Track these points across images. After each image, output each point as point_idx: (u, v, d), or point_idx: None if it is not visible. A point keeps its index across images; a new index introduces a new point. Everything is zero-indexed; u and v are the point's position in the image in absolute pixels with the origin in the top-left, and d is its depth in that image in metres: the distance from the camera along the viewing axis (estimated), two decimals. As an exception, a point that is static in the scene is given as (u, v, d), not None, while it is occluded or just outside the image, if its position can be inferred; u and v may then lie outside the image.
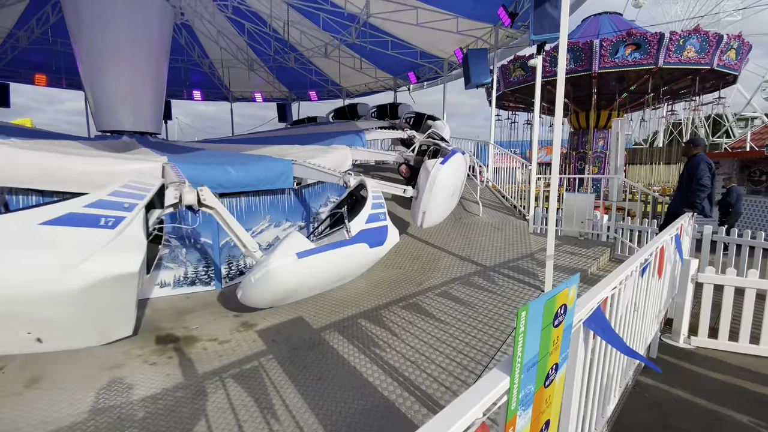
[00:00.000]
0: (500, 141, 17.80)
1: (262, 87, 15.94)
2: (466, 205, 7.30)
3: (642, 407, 2.80)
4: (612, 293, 1.76)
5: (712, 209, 4.96)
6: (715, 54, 12.20)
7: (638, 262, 2.18)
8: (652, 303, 2.97)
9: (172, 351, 3.26)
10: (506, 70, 14.89)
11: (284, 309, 4.02)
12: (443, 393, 2.50)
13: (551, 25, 5.80)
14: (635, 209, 9.84)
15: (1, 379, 2.80)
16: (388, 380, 2.66)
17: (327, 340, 3.32)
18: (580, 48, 12.57)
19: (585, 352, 1.54)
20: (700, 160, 4.79)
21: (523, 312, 0.96)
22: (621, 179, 6.72)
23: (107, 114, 6.87)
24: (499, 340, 3.11)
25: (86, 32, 6.58)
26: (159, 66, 7.35)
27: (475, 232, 6.09)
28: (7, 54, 11.69)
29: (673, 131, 32.96)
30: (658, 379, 3.16)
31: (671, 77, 13.50)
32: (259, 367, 2.95)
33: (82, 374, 2.89)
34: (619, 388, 2.34)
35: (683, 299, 3.72)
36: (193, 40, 12.96)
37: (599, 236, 6.46)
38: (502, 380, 0.96)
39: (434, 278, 4.64)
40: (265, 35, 11.93)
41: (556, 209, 4.49)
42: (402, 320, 3.60)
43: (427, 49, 11.37)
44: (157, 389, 2.71)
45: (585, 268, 4.74)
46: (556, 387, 1.30)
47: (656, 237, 2.96)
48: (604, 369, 1.92)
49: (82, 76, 6.97)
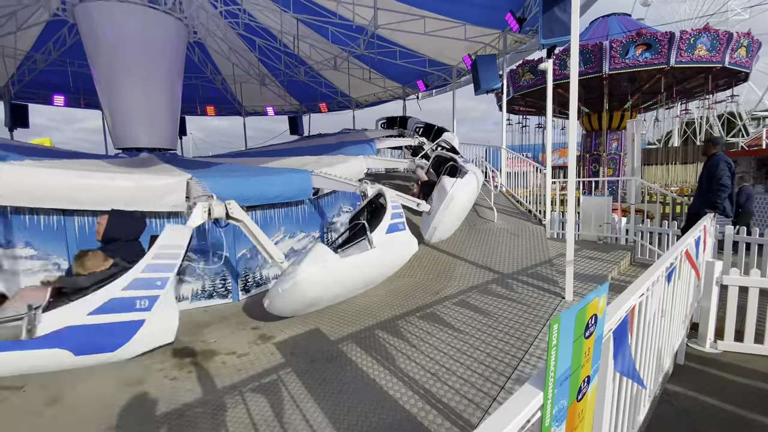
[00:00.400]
0: (512, 145, 17.70)
1: (273, 101, 16.20)
2: (480, 211, 7.24)
3: (671, 416, 2.70)
4: (640, 300, 1.71)
5: (733, 209, 4.83)
6: (726, 52, 12.02)
7: (664, 267, 2.12)
8: (679, 308, 2.88)
9: (192, 365, 3.28)
10: (515, 75, 14.86)
11: (301, 320, 4.02)
12: (466, 406, 2.45)
13: (560, 29, 5.78)
14: (653, 211, 9.63)
15: (22, 398, 2.85)
16: (409, 393, 2.62)
17: (345, 352, 3.30)
18: (589, 50, 12.49)
19: (615, 362, 1.49)
20: (720, 159, 4.68)
21: (555, 324, 0.93)
22: (639, 181, 6.59)
23: (124, 132, 7.06)
24: (521, 350, 3.05)
25: (103, 53, 6.79)
26: (174, 84, 7.54)
27: (490, 239, 6.03)
28: (26, 76, 12.13)
29: (686, 130, 32.36)
30: (687, 386, 3.05)
31: (683, 76, 13.30)
32: (278, 380, 2.94)
33: (102, 391, 2.92)
34: (648, 397, 2.26)
35: (708, 303, 3.60)
36: (205, 57, 13.28)
37: (618, 240, 6.32)
38: (535, 396, 0.93)
39: (451, 287, 4.59)
40: (276, 50, 12.15)
41: (574, 213, 4.42)
42: (420, 331, 3.56)
43: (435, 57, 11.43)
44: (177, 405, 2.72)
45: (605, 273, 4.63)
46: (588, 400, 1.26)
47: (681, 239, 2.87)
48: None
49: (100, 96, 7.19)
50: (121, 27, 6.65)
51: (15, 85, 12.42)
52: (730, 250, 5.04)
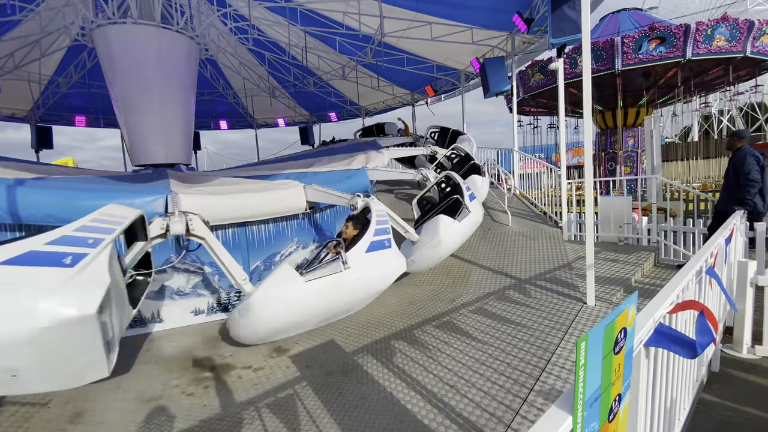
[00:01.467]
0: (523, 147, 17.47)
1: (284, 112, 16.42)
2: (494, 215, 7.12)
3: (709, 429, 2.54)
4: (671, 308, 1.60)
5: (765, 205, 4.60)
6: (747, 41, 11.63)
7: (695, 269, 2.01)
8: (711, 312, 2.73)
9: (208, 380, 3.27)
10: (525, 76, 14.71)
11: (316, 332, 3.98)
12: (487, 420, 2.35)
13: (570, 27, 5.68)
14: (676, 209, 9.30)
15: (47, 413, 2.87)
16: (428, 407, 2.54)
17: (361, 365, 3.23)
18: (600, 47, 12.28)
19: (648, 376, 1.40)
20: (747, 153, 4.48)
21: (582, 342, 0.86)
22: (659, 179, 6.37)
23: (141, 149, 7.21)
24: (543, 359, 2.93)
25: (120, 74, 6.98)
26: (187, 101, 7.69)
27: (506, 243, 5.90)
28: (49, 99, 12.61)
29: (704, 124, 31.43)
30: (724, 396, 2.88)
31: (701, 68, 12.93)
32: (294, 395, 2.89)
33: (122, 408, 2.93)
34: (684, 410, 2.13)
35: (743, 305, 3.41)
36: (217, 73, 13.56)
37: (640, 240, 6.10)
38: (564, 420, 0.86)
39: (467, 294, 4.49)
40: (285, 63, 12.32)
41: (593, 214, 4.28)
42: (437, 341, 3.47)
43: (442, 62, 11.40)
44: (194, 421, 2.70)
45: (628, 276, 4.46)
46: (620, 420, 1.17)
47: (711, 239, 2.73)
48: (667, 391, 1.75)
49: (118, 115, 7.38)
50: (136, 48, 6.83)
51: (40, 109, 12.92)
52: (763, 249, 4.80)
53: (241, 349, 3.80)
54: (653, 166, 6.36)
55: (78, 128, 13.95)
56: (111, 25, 6.73)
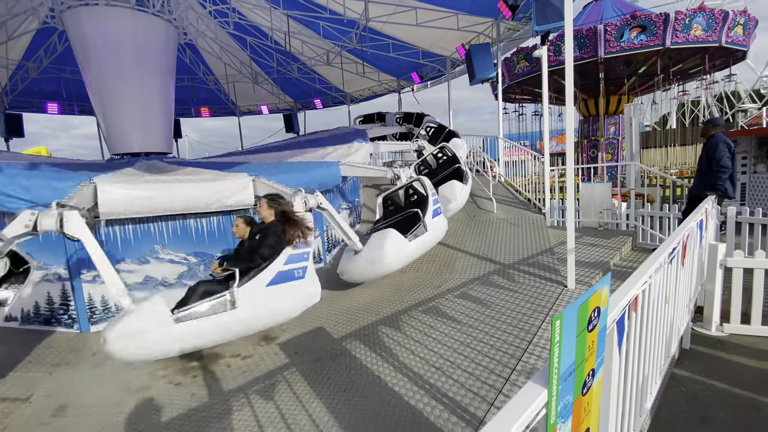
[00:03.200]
0: (509, 134, 17.61)
1: (267, 99, 16.11)
2: (479, 202, 7.21)
3: (679, 401, 2.69)
4: (643, 288, 1.69)
5: (735, 190, 4.79)
6: (722, 31, 11.89)
7: (666, 253, 2.10)
8: (683, 292, 2.86)
9: (196, 369, 3.28)
10: (510, 63, 14.74)
11: (305, 319, 4.01)
12: (471, 399, 2.44)
13: (554, 15, 5.70)
14: (654, 195, 9.59)
15: (29, 408, 2.84)
16: (414, 388, 2.62)
17: (349, 350, 3.29)
18: (584, 35, 12.36)
19: (620, 352, 1.47)
20: (719, 140, 4.64)
21: (557, 321, 0.91)
22: (638, 165, 6.55)
23: (118, 137, 7.01)
24: (525, 340, 3.04)
25: (93, 59, 6.72)
26: (166, 86, 7.47)
27: (490, 230, 6.00)
28: (18, 85, 12.06)
29: (693, 109, 32.16)
30: (694, 371, 3.04)
31: (680, 57, 13.18)
32: (283, 381, 2.93)
33: (108, 399, 2.92)
34: (655, 384, 2.25)
35: (713, 285, 3.58)
36: (197, 58, 13.17)
37: (619, 225, 6.29)
38: (539, 394, 0.91)
39: (452, 280, 4.58)
40: (267, 48, 12.05)
41: (573, 200, 4.38)
42: (423, 325, 3.55)
43: (428, 48, 11.33)
44: (183, 410, 2.71)
45: (607, 260, 4.62)
46: (594, 393, 1.24)
47: (683, 224, 2.85)
48: (640, 366, 1.85)
49: (93, 102, 7.13)
50: (110, 31, 6.57)
51: (8, 95, 12.35)
52: (733, 232, 5.01)
53: (229, 337, 3.80)
54: (632, 153, 6.54)
55: (50, 115, 13.40)
56: (82, 7, 6.45)
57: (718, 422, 2.45)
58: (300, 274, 3.32)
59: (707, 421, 2.46)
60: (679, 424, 2.47)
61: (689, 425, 2.44)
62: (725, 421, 2.45)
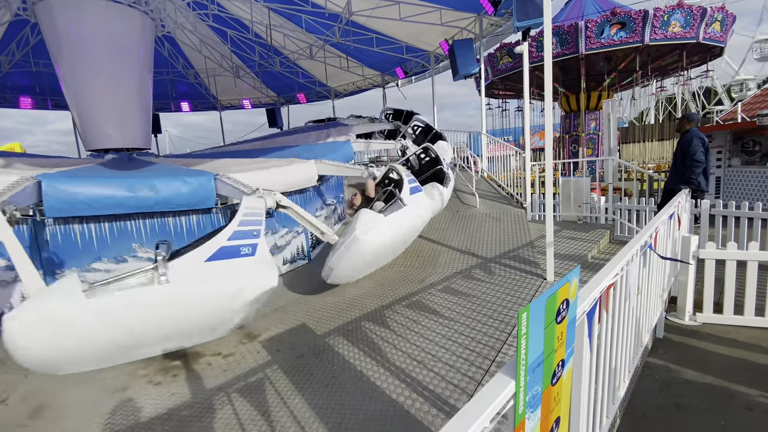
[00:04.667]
0: (492, 130, 17.76)
1: (249, 93, 15.86)
2: (462, 197, 7.27)
3: (653, 389, 2.78)
4: (614, 280, 1.73)
5: (708, 184, 4.95)
6: (700, 27, 12.18)
7: (639, 245, 2.16)
8: (656, 284, 2.95)
9: (177, 369, 3.23)
10: (493, 59, 14.82)
11: (288, 316, 4.00)
12: (452, 391, 2.47)
13: (534, 11, 5.76)
14: (631, 188, 9.83)
15: (4, 411, 2.77)
16: (396, 382, 2.64)
17: (332, 346, 3.29)
18: (565, 31, 12.52)
19: (591, 343, 1.51)
20: (693, 135, 4.78)
21: (524, 313, 0.93)
22: (615, 160, 6.70)
23: (94, 133, 6.80)
24: (504, 332, 3.09)
25: (66, 52, 6.49)
26: (143, 80, 7.27)
27: (473, 225, 6.07)
28: (-10, 79, 11.59)
29: (667, 106, 32.98)
30: (668, 359, 3.15)
31: (658, 53, 13.47)
32: (265, 378, 2.92)
33: (86, 400, 2.86)
34: (628, 372, 2.32)
35: (686, 277, 3.70)
36: (176, 51, 12.85)
37: (597, 219, 6.44)
38: (507, 385, 0.93)
39: (436, 274, 4.62)
40: (249, 41, 11.83)
41: (552, 195, 4.45)
42: (406, 320, 3.57)
43: (412, 43, 11.31)
44: (162, 410, 2.68)
45: (585, 252, 4.72)
46: (564, 383, 1.27)
47: (655, 217, 2.93)
48: (612, 355, 1.90)
49: (66, 97, 6.89)
50: (84, 23, 6.35)
51: (-21, 90, 11.86)
52: (707, 224, 5.18)
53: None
54: (610, 148, 6.68)
55: (23, 110, 12.92)
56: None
57: (691, 409, 2.53)
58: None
59: (681, 408, 2.55)
60: (653, 410, 2.55)
61: (663, 412, 2.53)
62: (699, 408, 2.53)
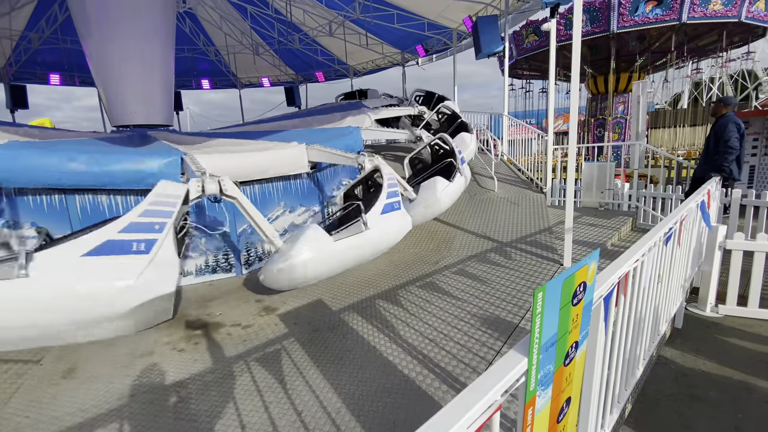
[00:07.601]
0: (515, 111, 17.28)
1: (268, 71, 15.82)
2: (480, 180, 7.18)
3: (667, 378, 2.76)
4: (634, 266, 1.70)
5: (740, 172, 4.73)
6: (743, 6, 11.39)
7: (662, 233, 2.10)
8: (677, 273, 2.88)
9: (199, 337, 3.37)
10: (519, 37, 14.29)
11: (304, 292, 4.09)
12: (462, 370, 2.52)
13: (565, -15, 5.48)
14: (658, 175, 9.49)
15: (40, 370, 2.96)
16: (408, 358, 2.70)
17: (346, 321, 3.37)
18: (596, 7, 11.92)
19: (606, 327, 1.51)
20: (729, 120, 4.54)
21: (540, 293, 0.93)
22: (643, 145, 6.45)
23: (119, 109, 6.95)
24: (518, 315, 3.09)
25: (93, 28, 6.59)
26: (166, 57, 7.33)
27: (490, 208, 6.00)
28: (21, 56, 11.90)
29: (693, 91, 31.28)
30: (685, 349, 3.10)
31: (696, 33, 12.71)
32: (282, 349, 3.02)
33: (115, 363, 3.03)
34: (643, 360, 2.30)
35: (710, 267, 3.60)
36: (197, 28, 12.87)
37: (620, 206, 6.27)
38: (519, 362, 0.94)
39: (450, 256, 4.62)
40: (268, 17, 11.72)
41: (574, 180, 4.35)
42: (419, 299, 3.61)
43: (434, 19, 10.98)
44: (186, 374, 2.81)
45: (605, 240, 4.63)
46: (576, 365, 1.28)
47: (681, 205, 2.84)
48: (627, 342, 1.89)
49: (93, 73, 7.03)
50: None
51: (12, 66, 12.21)
52: (737, 215, 4.98)
53: (231, 308, 3.90)
54: (638, 133, 6.41)
55: (53, 86, 13.27)
56: (80, -28, 6.26)
57: (707, 400, 2.51)
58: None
59: (696, 399, 2.53)
60: (666, 399, 2.54)
61: (676, 401, 2.51)
62: (715, 400, 2.50)
